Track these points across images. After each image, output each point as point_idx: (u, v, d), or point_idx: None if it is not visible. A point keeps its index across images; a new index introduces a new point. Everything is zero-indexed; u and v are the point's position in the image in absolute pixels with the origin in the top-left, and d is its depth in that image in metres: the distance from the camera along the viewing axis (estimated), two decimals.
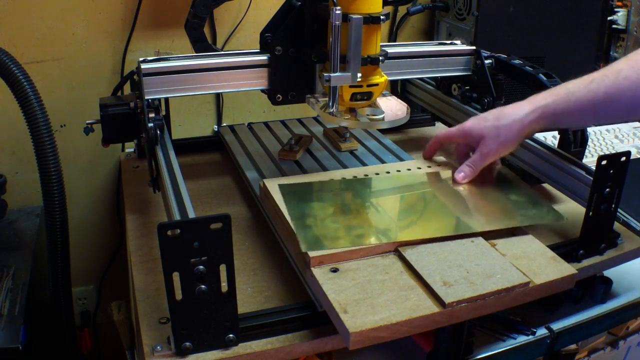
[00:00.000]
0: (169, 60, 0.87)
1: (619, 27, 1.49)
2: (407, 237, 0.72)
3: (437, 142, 0.92)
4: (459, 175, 0.85)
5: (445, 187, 0.85)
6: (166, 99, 1.00)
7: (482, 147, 0.83)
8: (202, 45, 1.04)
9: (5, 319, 0.89)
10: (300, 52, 0.87)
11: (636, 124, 1.43)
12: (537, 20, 1.33)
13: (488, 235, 0.73)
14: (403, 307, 0.61)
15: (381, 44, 0.82)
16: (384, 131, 1.16)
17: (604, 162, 0.73)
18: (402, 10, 1.43)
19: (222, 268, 0.59)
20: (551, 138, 1.23)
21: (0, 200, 1.15)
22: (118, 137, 0.91)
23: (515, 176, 0.89)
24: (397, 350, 0.77)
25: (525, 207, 0.80)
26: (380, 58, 0.80)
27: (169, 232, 0.56)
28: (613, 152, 0.87)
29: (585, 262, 0.78)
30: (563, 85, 0.80)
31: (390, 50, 0.91)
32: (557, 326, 0.81)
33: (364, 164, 0.99)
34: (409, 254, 0.69)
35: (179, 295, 0.58)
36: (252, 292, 0.73)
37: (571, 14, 1.36)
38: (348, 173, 0.88)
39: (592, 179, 0.74)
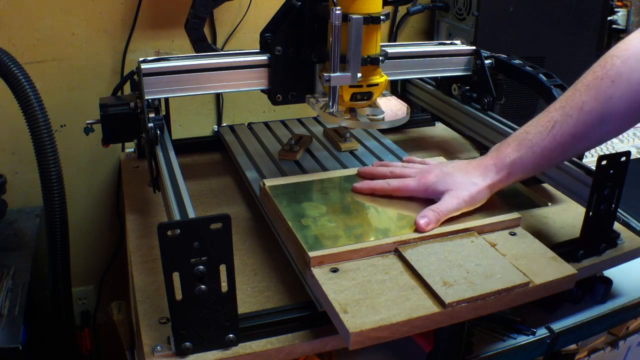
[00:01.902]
0: (169, 60, 0.87)
1: (619, 27, 1.49)
2: (405, 232, 0.72)
3: (386, 191, 0.81)
4: (423, 221, 0.72)
5: None
6: (166, 99, 1.00)
7: (451, 197, 0.75)
8: (202, 45, 1.04)
9: (5, 319, 0.89)
10: (300, 52, 0.87)
11: None
12: (537, 20, 1.33)
13: (487, 234, 0.74)
14: (403, 307, 0.61)
15: (381, 44, 0.82)
16: (384, 131, 1.16)
17: (604, 162, 0.73)
18: (402, 10, 1.43)
19: (222, 268, 0.59)
20: None
21: (0, 200, 1.15)
22: (118, 137, 0.91)
23: None
24: (397, 350, 0.77)
25: (508, 196, 0.82)
26: (380, 58, 0.80)
27: (169, 232, 0.56)
28: (613, 152, 0.87)
29: (585, 262, 0.79)
30: (525, 132, 0.75)
31: (390, 50, 0.91)
32: (557, 326, 0.81)
33: (364, 164, 0.99)
34: (409, 254, 0.68)
35: (179, 295, 0.58)
36: (252, 292, 0.73)
37: (571, 14, 1.36)
38: (348, 173, 0.88)
39: (592, 179, 0.74)
